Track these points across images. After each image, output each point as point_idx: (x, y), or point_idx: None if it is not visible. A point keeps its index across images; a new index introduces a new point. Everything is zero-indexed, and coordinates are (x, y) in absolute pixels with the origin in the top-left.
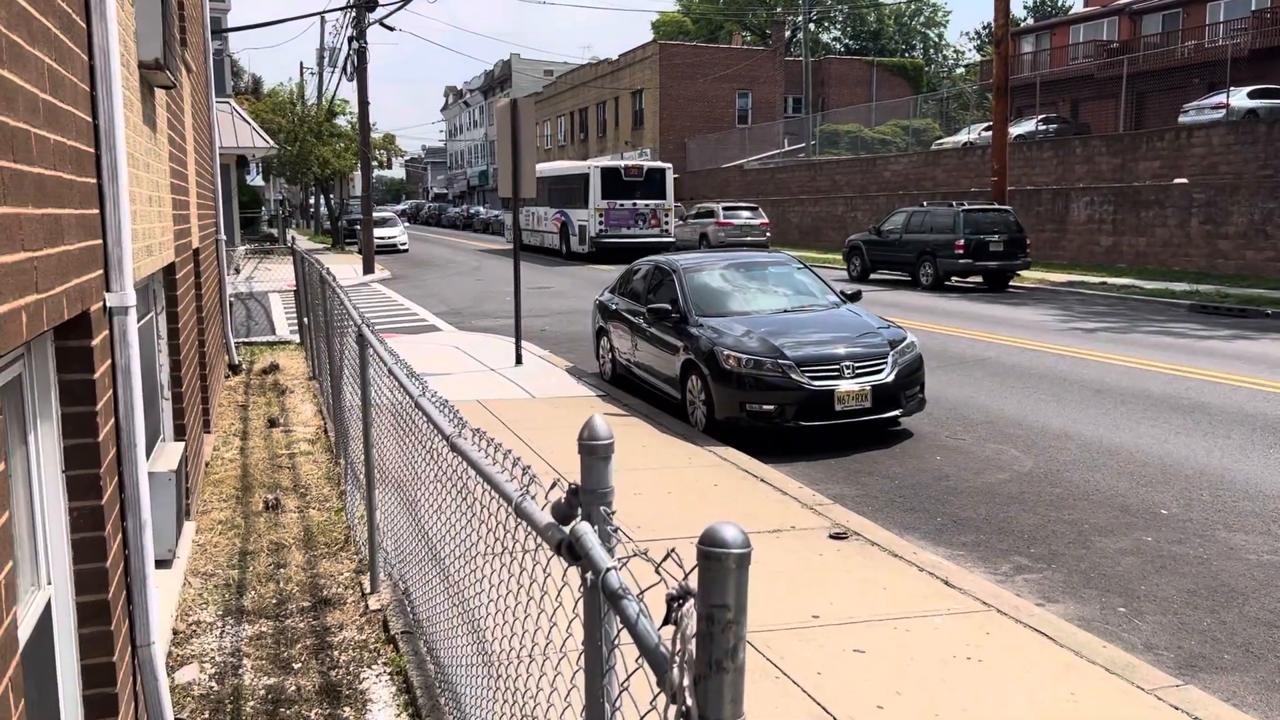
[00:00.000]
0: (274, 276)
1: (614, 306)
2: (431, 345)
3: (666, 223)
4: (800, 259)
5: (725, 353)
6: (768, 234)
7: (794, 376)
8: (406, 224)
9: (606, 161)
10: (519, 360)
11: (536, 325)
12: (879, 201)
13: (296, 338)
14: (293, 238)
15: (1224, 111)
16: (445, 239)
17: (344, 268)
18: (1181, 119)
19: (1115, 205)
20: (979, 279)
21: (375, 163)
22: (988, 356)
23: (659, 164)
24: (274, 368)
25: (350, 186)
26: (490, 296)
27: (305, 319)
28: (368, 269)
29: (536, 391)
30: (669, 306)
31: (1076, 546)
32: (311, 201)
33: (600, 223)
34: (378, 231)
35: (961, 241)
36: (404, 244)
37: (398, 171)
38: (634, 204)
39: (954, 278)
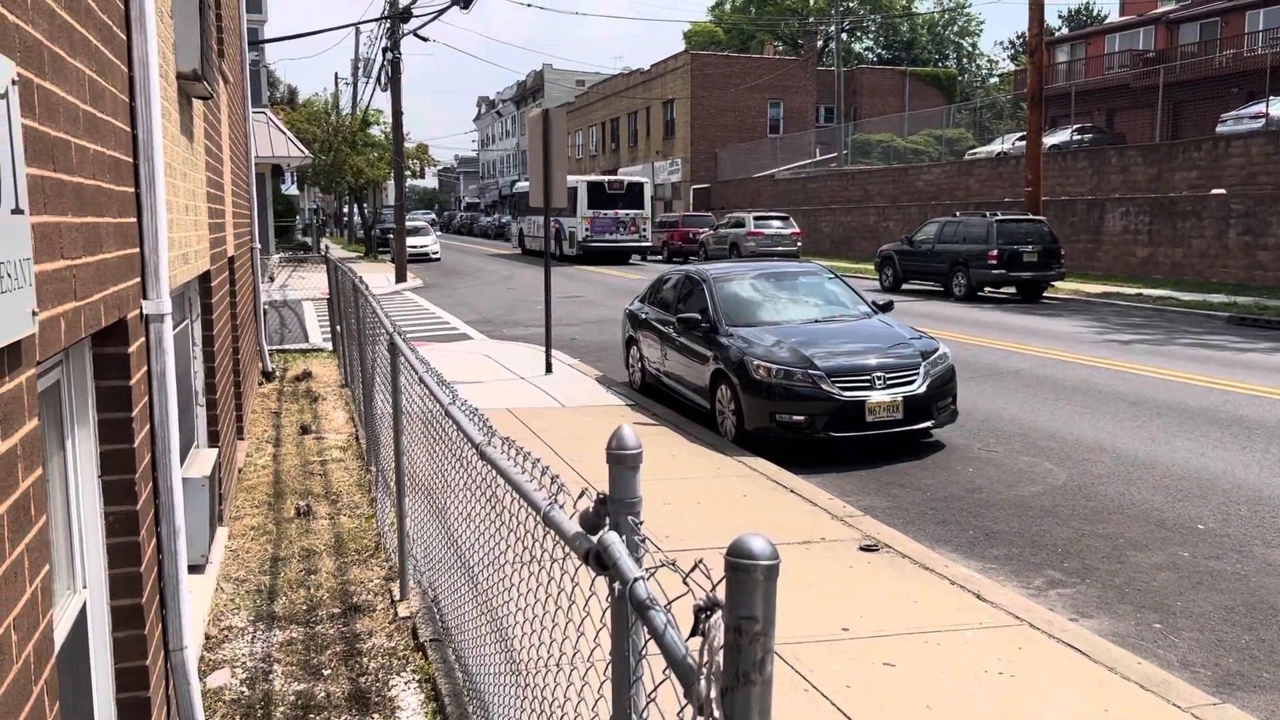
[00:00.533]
0: (307, 285)
1: (644, 316)
2: (462, 353)
3: (644, 229)
4: (831, 269)
5: (755, 363)
6: (799, 244)
7: (825, 387)
8: (439, 233)
9: (592, 177)
10: (549, 369)
11: (566, 334)
12: (911, 211)
13: (329, 345)
14: (326, 246)
15: (1263, 121)
16: (477, 248)
17: (376, 276)
18: (1219, 129)
19: (1151, 216)
20: (1012, 290)
21: (408, 172)
22: (1021, 368)
23: (638, 178)
24: (307, 375)
25: (383, 196)
26: (521, 305)
27: (338, 327)
28: (400, 277)
29: (566, 400)
30: (699, 316)
31: (1111, 561)
32: (345, 210)
33: (586, 229)
34: (410, 240)
35: (995, 252)
36: (436, 253)
37: (430, 181)
38: (616, 213)
39: (987, 288)
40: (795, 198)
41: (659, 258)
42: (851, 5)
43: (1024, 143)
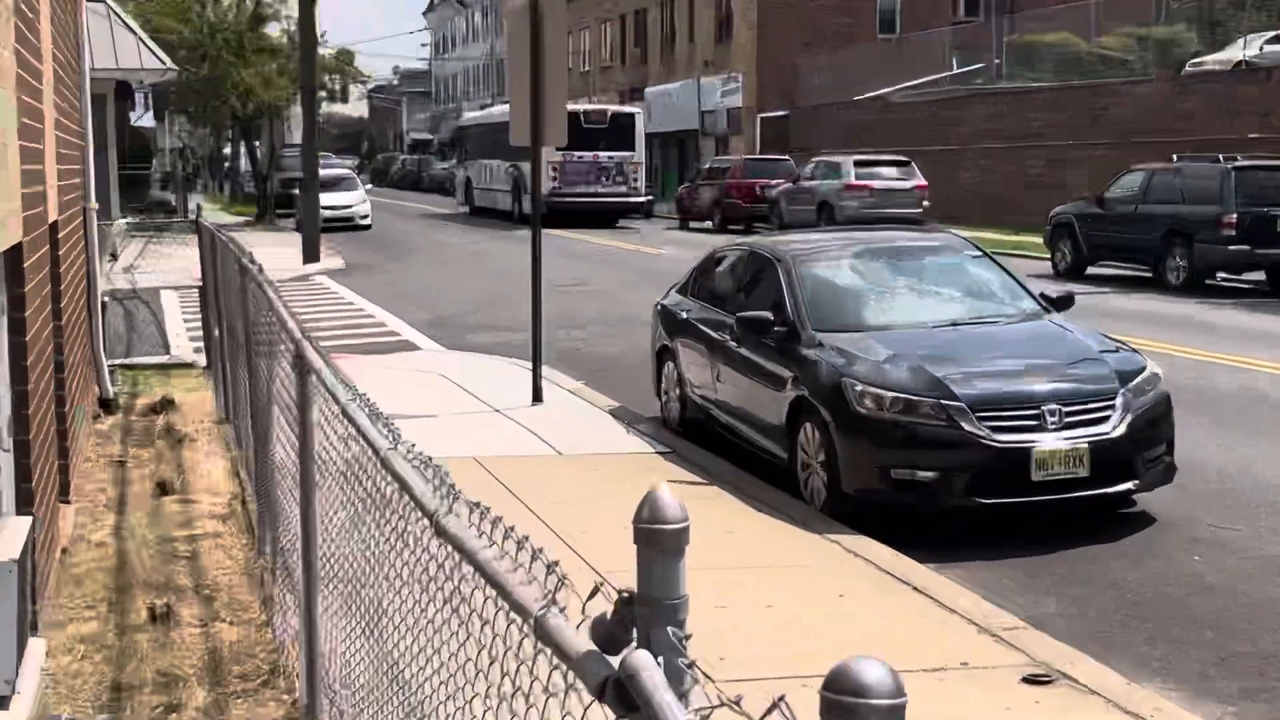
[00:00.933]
0: (170, 266)
1: (684, 315)
2: (408, 372)
3: (635, 179)
4: (977, 242)
5: (859, 387)
6: (925, 204)
7: (967, 427)
8: (370, 186)
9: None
10: (538, 396)
11: (565, 342)
12: (1101, 154)
13: (201, 359)
14: (198, 207)
15: None
16: (427, 208)
17: (276, 253)
18: None
19: None
20: (1260, 276)
21: (323, 94)
22: (1274, 396)
23: (628, 109)
24: (167, 404)
25: (286, 131)
26: (496, 297)
27: (215, 331)
28: (311, 255)
29: (564, 445)
30: (770, 316)
31: None
32: (227, 152)
33: (554, 179)
34: (326, 198)
35: (1233, 217)
36: (365, 216)
37: (357, 106)
38: (595, 156)
39: (1219, 273)
40: (920, 133)
41: (707, 225)
42: None
43: None
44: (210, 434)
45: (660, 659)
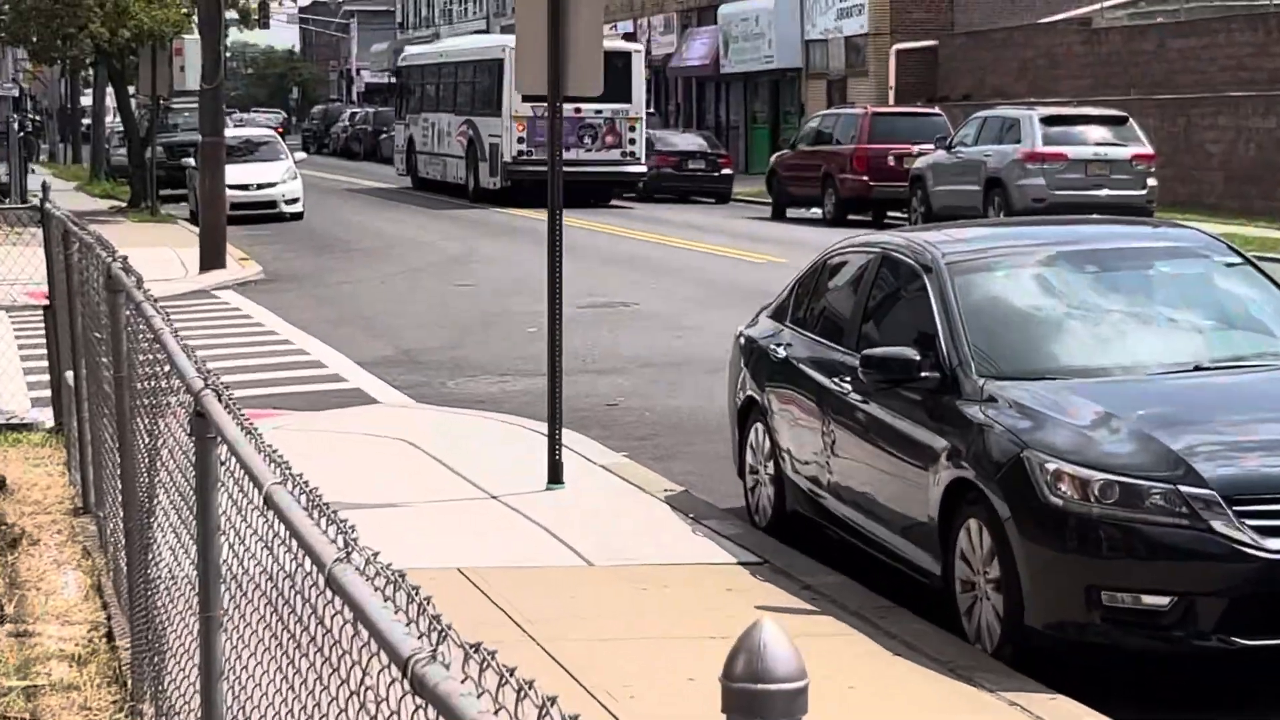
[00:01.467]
0: None
1: (780, 352)
2: (361, 438)
3: (632, 141)
4: (1231, 243)
5: (1052, 465)
6: (1151, 182)
7: (1220, 527)
8: (301, 155)
9: None
10: (556, 475)
11: (595, 392)
12: None
13: (48, 417)
14: (43, 186)
15: None
16: (387, 187)
17: (161, 255)
18: None
19: None
20: None
21: (233, 13)
22: None
23: (623, 45)
24: None
25: (177, 71)
26: (492, 322)
27: (71, 375)
28: (212, 259)
29: (597, 551)
30: (914, 354)
31: None
32: (86, 104)
33: (519, 140)
34: (236, 172)
35: None
36: (295, 200)
37: (283, 34)
38: (578, 110)
39: None
40: (1140, 74)
41: (814, 214)
42: None
43: None
44: (61, 531)
45: None
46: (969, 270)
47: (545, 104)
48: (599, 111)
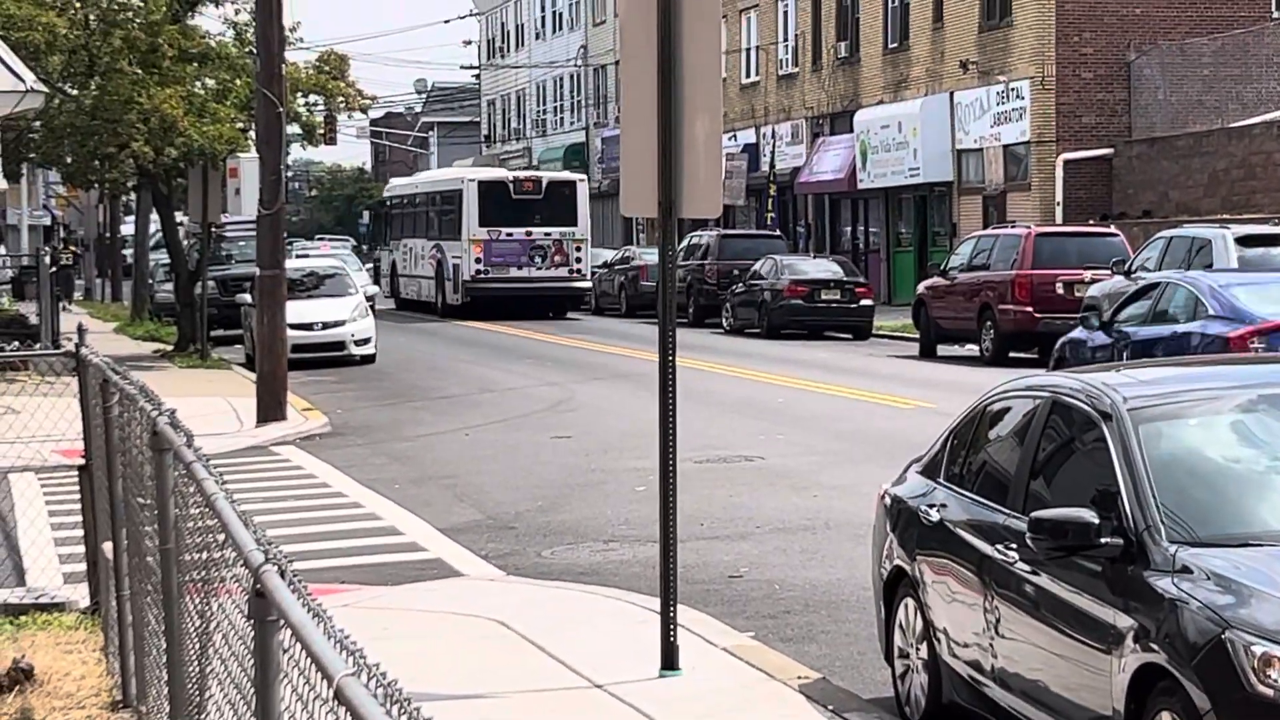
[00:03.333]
0: (25, 430)
1: (933, 515)
2: (444, 617)
3: (578, 260)
4: None
5: (1260, 649)
6: None
7: None
8: (374, 289)
9: (487, 173)
10: (670, 661)
11: (716, 558)
12: None
13: (82, 594)
14: (79, 329)
15: None
16: (484, 326)
17: (212, 406)
18: None
19: None
20: None
21: (296, 128)
22: None
23: (568, 176)
24: (21, 676)
25: (230, 194)
26: (592, 481)
27: (109, 544)
28: (271, 409)
29: None
30: (1092, 517)
31: None
32: (127, 232)
33: (477, 261)
34: (299, 310)
35: None
36: (366, 341)
37: (353, 149)
38: (528, 232)
39: None
40: None
41: (969, 351)
42: None
43: None
44: None
45: None
46: (1156, 418)
47: (499, 228)
48: (547, 234)
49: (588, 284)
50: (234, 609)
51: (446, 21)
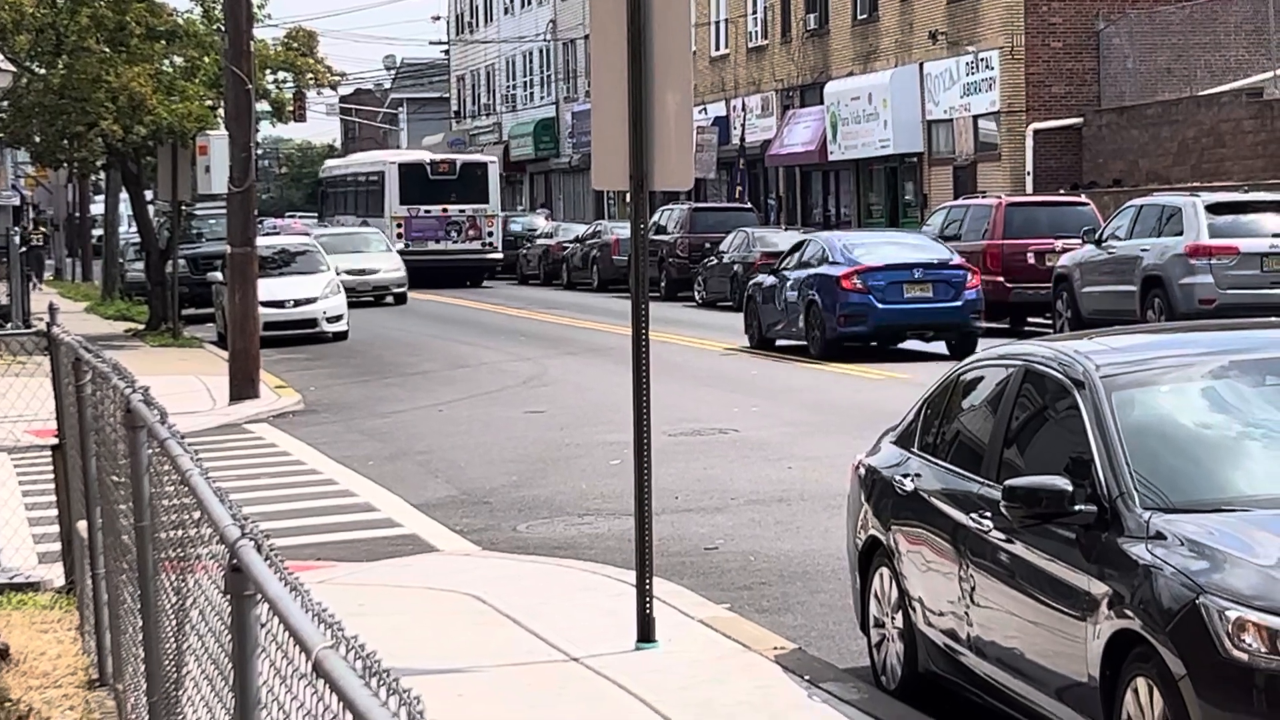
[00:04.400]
0: None
1: (908, 484)
2: (420, 592)
3: (490, 234)
4: None
5: (1234, 613)
6: None
7: None
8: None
9: (406, 155)
10: (646, 634)
11: (692, 531)
12: None
13: (56, 573)
14: (50, 308)
15: None
16: (457, 299)
17: (185, 385)
18: None
19: None
20: None
21: (265, 105)
22: None
23: (479, 158)
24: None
25: (201, 173)
26: (567, 455)
27: (84, 523)
28: (244, 388)
29: None
30: (1066, 484)
31: None
32: (97, 212)
33: (399, 236)
34: (270, 287)
35: None
36: (338, 318)
37: (323, 126)
38: (444, 210)
39: None
40: None
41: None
42: None
43: None
44: (74, 707)
45: None
46: (1128, 385)
47: (418, 206)
48: (462, 210)
49: (499, 255)
50: (211, 585)
51: None
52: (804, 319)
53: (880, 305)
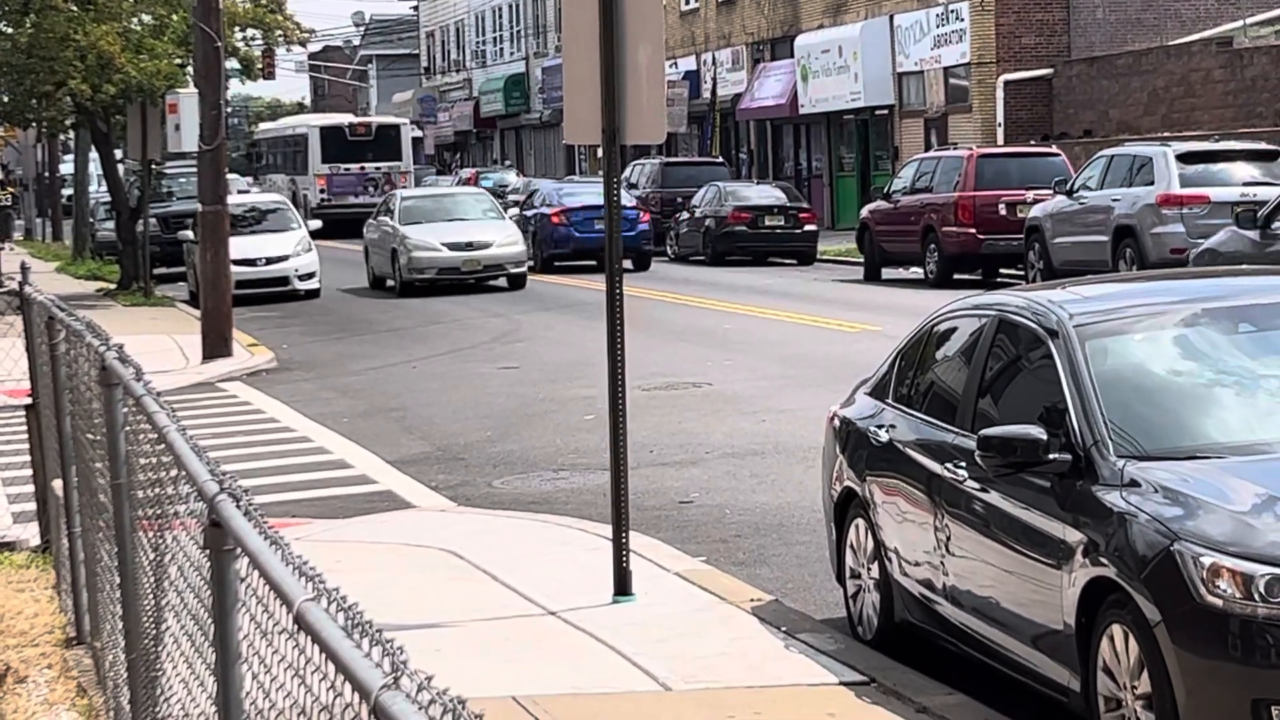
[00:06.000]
0: None
1: (883, 435)
2: (397, 548)
3: (404, 189)
4: None
5: (1208, 559)
6: None
7: None
8: (316, 224)
9: (327, 119)
10: (623, 587)
11: (667, 484)
12: None
13: (31, 534)
14: (22, 267)
15: None
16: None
17: (158, 344)
18: None
19: None
20: None
21: (235, 62)
22: None
23: (393, 120)
24: None
25: (170, 130)
26: (541, 410)
27: (59, 481)
28: (217, 346)
29: (673, 673)
30: (1040, 433)
31: None
32: (66, 171)
33: (321, 191)
34: (242, 245)
35: None
36: (310, 275)
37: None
38: (362, 168)
39: None
40: None
41: (914, 274)
42: None
43: None
44: (51, 665)
45: None
46: (1101, 333)
47: (339, 164)
48: (378, 168)
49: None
50: (189, 541)
51: None
52: (532, 244)
53: (578, 234)
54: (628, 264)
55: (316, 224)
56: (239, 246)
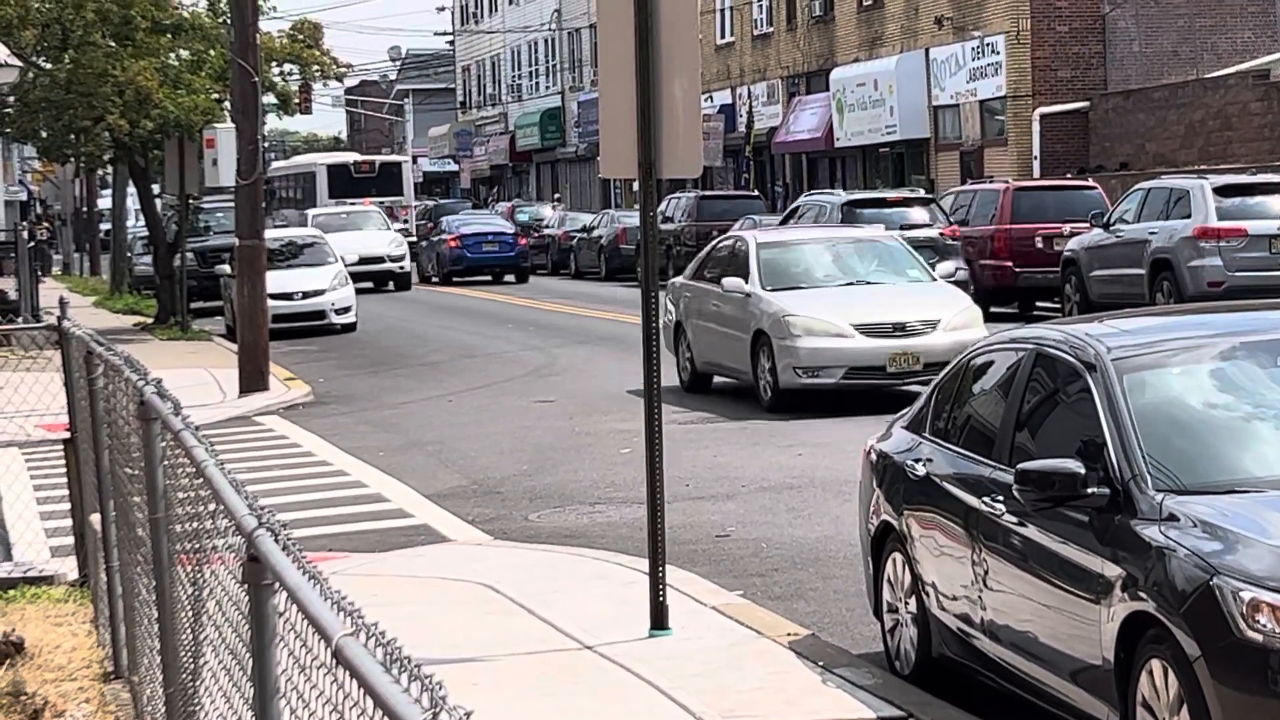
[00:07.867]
0: (9, 405)
1: (919, 468)
2: (433, 582)
3: (406, 221)
4: None
5: (1249, 594)
6: None
7: None
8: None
9: (334, 157)
10: (660, 621)
11: (703, 518)
12: None
13: (70, 567)
14: (60, 302)
15: None
16: (474, 294)
17: (195, 377)
18: None
19: None
20: None
21: (271, 97)
22: None
23: (395, 158)
24: (15, 649)
25: (209, 165)
26: (578, 444)
27: (97, 515)
28: (254, 380)
29: (711, 708)
30: (1078, 467)
31: None
32: (104, 206)
33: None
34: (279, 280)
35: None
36: (346, 310)
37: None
38: (366, 204)
39: None
40: None
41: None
42: None
43: None
44: (90, 700)
45: None
46: (1139, 367)
47: (345, 199)
48: (381, 202)
49: (413, 238)
50: (227, 576)
51: None
52: (433, 264)
53: (469, 255)
54: (510, 277)
55: None
56: (276, 281)
